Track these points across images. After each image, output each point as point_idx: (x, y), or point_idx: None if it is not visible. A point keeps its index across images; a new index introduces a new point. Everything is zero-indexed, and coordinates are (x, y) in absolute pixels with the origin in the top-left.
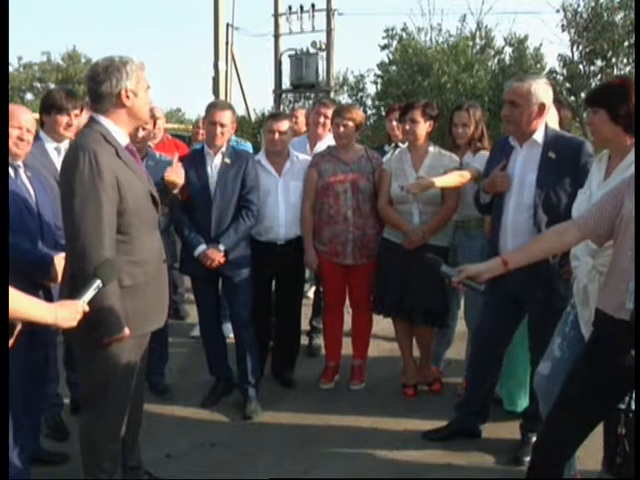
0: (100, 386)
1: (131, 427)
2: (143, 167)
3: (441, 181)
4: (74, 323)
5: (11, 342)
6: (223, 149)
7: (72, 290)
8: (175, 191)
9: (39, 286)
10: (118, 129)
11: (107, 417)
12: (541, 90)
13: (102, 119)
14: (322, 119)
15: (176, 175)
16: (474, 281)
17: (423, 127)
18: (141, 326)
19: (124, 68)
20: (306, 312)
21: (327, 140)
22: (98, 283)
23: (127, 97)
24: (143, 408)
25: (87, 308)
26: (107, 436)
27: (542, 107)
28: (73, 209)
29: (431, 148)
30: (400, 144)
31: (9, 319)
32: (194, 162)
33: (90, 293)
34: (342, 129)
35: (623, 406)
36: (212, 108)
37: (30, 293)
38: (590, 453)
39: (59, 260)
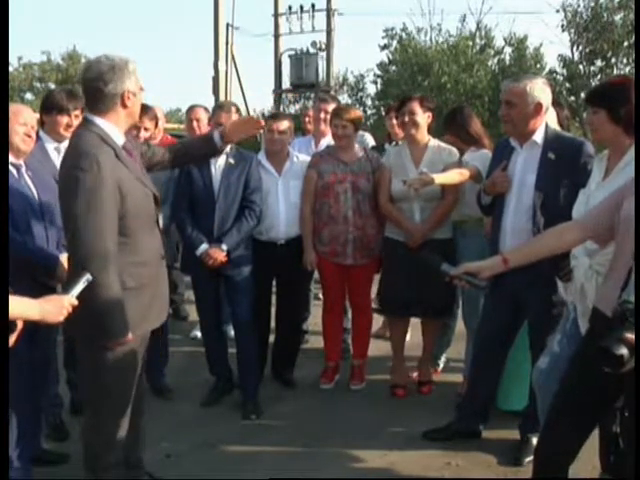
0: (104, 388)
1: (132, 427)
2: (139, 166)
3: (442, 178)
4: (61, 318)
5: (12, 341)
6: (227, 150)
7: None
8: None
9: (45, 287)
10: (116, 129)
11: (110, 418)
12: (537, 89)
13: (98, 120)
14: (323, 115)
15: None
16: (475, 278)
17: (422, 117)
18: (143, 326)
19: (126, 69)
20: (315, 313)
21: (331, 137)
22: (87, 277)
23: (128, 98)
24: (144, 408)
25: (75, 302)
26: (109, 437)
27: (539, 106)
28: (77, 217)
29: (431, 142)
30: (401, 142)
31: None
32: None
33: (79, 287)
34: (340, 130)
35: (619, 404)
36: (218, 110)
37: (37, 294)
38: (590, 454)
39: (65, 261)
